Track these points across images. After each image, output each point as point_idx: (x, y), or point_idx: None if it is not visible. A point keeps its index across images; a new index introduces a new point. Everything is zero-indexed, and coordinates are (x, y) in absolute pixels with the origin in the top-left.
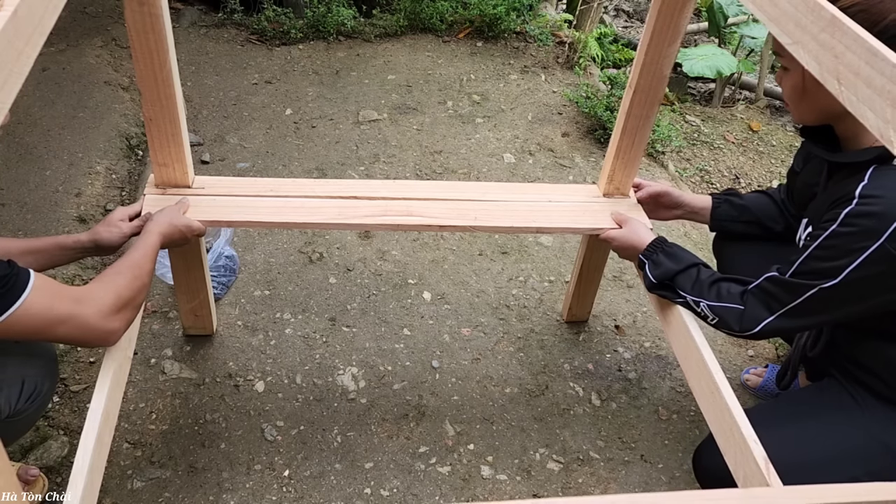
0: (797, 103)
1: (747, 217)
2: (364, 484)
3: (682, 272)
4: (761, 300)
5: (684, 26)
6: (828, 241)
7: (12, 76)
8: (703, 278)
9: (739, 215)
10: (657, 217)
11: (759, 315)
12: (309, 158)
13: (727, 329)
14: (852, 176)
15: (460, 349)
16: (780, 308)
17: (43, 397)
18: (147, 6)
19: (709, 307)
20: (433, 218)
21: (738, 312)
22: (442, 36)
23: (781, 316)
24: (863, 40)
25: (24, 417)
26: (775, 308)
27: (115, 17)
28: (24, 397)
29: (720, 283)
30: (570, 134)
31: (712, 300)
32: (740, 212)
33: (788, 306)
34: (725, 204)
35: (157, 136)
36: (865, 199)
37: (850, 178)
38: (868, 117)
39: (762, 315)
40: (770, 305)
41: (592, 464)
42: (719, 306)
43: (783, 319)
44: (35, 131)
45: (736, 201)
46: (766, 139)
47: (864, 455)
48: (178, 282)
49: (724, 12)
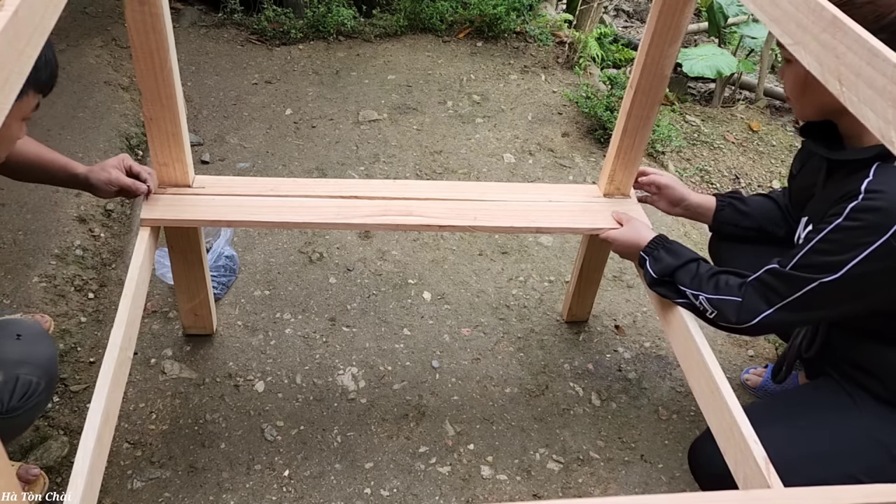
0: (799, 97)
1: (750, 223)
2: (364, 484)
3: (682, 267)
4: (760, 293)
5: (685, 27)
6: (831, 235)
7: (13, 76)
8: (701, 272)
9: (742, 220)
10: (660, 209)
11: (757, 307)
12: (309, 158)
13: (725, 322)
14: (854, 174)
15: (460, 349)
16: (780, 301)
17: (38, 396)
18: (148, 6)
19: (707, 300)
20: (433, 218)
21: (736, 304)
22: (442, 36)
23: (780, 309)
24: (864, 41)
25: (21, 416)
26: (774, 301)
27: (115, 17)
28: (18, 395)
29: (719, 275)
30: (570, 134)
31: (710, 293)
32: (744, 217)
33: (788, 300)
34: (729, 208)
35: (158, 136)
36: (871, 195)
37: (852, 176)
38: (869, 118)
39: (760, 307)
40: (769, 298)
41: (592, 464)
42: (717, 299)
43: (782, 313)
44: (35, 131)
45: (741, 207)
46: (766, 139)
47: (860, 452)
48: (177, 282)
49: (724, 12)
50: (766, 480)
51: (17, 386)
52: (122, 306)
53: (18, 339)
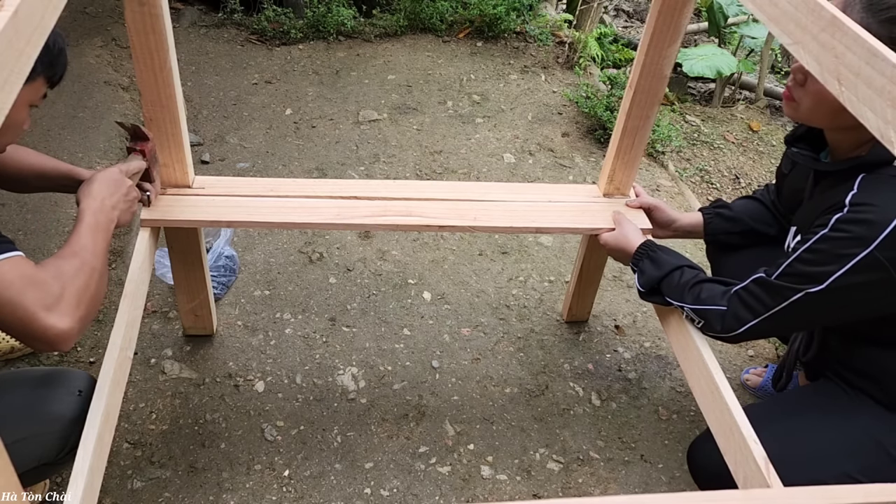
0: (817, 105)
1: (741, 227)
2: (364, 484)
3: (665, 278)
4: (745, 302)
5: (684, 26)
6: (817, 245)
7: (13, 76)
8: (682, 281)
9: (732, 227)
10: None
11: (742, 317)
12: (309, 158)
13: (711, 331)
14: (839, 184)
15: (460, 349)
16: (765, 311)
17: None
18: (147, 6)
19: (692, 310)
20: (433, 218)
21: (720, 313)
22: (442, 36)
23: (766, 319)
24: (863, 40)
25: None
26: (759, 311)
27: (115, 17)
28: (67, 449)
29: (700, 284)
30: (570, 134)
31: (691, 303)
32: (733, 223)
33: (773, 310)
34: (717, 218)
35: (157, 137)
36: (856, 207)
37: (837, 187)
38: (868, 118)
39: (745, 317)
40: (754, 308)
41: (592, 464)
42: (700, 309)
43: (767, 322)
44: (35, 131)
45: (726, 213)
46: (766, 139)
47: (858, 452)
48: (178, 282)
49: (724, 12)
50: (765, 480)
51: (70, 442)
52: (122, 306)
53: (79, 396)
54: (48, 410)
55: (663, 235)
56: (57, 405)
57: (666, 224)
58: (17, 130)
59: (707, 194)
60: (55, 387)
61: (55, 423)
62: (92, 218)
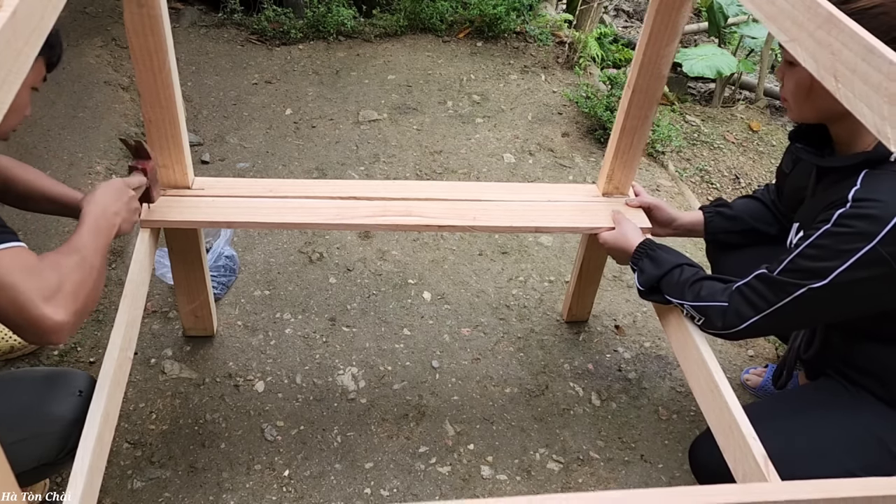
0: (801, 101)
1: (741, 226)
2: (364, 484)
3: (664, 276)
4: (747, 298)
5: (682, 26)
6: (820, 241)
7: (11, 75)
8: (682, 279)
9: (733, 226)
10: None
11: (744, 313)
12: (309, 158)
13: (712, 328)
14: (842, 181)
15: (460, 349)
16: (767, 307)
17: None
18: (146, 8)
19: (692, 307)
20: (433, 218)
21: (722, 309)
22: (442, 36)
23: (768, 315)
24: (859, 37)
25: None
26: (761, 307)
27: (115, 17)
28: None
29: (700, 282)
30: (570, 134)
31: (691, 300)
32: (733, 222)
33: (775, 306)
34: (717, 217)
35: (157, 139)
36: (859, 203)
37: (840, 183)
38: (864, 114)
39: (747, 313)
40: (756, 304)
41: (592, 464)
42: (701, 305)
43: (769, 318)
44: (35, 131)
45: (727, 212)
46: (766, 139)
47: (859, 449)
48: (178, 283)
49: (724, 12)
50: (765, 477)
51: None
52: (122, 307)
53: (80, 396)
54: (48, 410)
55: (663, 234)
56: (57, 405)
57: (666, 222)
58: (20, 115)
59: (707, 194)
60: (55, 387)
61: (55, 423)
62: (94, 222)
